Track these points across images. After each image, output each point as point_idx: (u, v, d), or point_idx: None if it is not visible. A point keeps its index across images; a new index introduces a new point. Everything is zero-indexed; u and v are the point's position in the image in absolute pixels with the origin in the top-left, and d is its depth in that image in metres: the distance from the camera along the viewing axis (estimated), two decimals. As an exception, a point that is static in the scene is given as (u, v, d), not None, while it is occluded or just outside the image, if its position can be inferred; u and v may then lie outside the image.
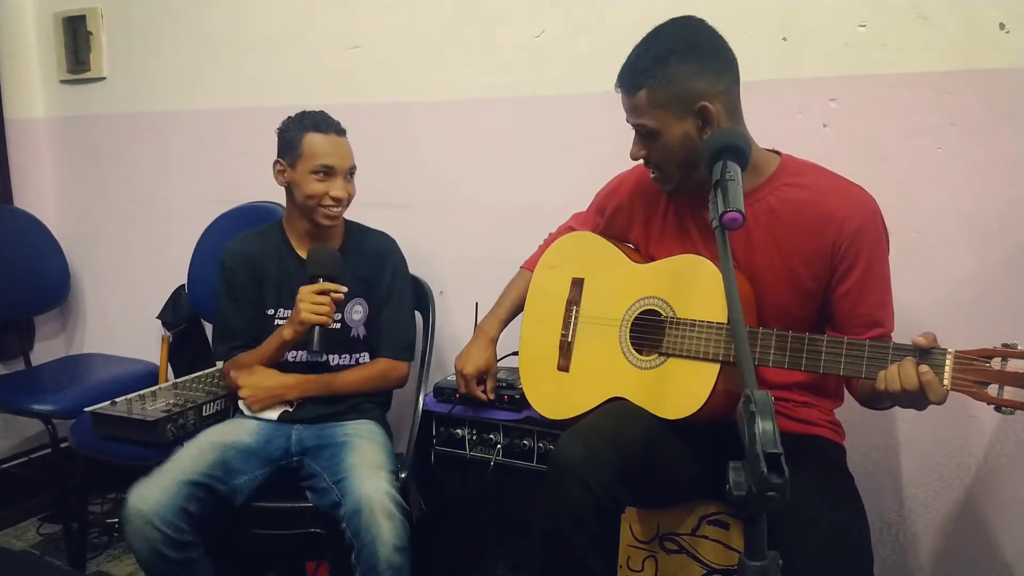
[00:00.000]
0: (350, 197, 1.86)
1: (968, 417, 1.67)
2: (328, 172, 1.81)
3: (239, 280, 1.90)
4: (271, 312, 1.90)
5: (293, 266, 1.89)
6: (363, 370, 1.90)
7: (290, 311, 1.86)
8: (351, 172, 1.85)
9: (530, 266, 1.78)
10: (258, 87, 2.44)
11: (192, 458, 1.67)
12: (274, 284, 1.90)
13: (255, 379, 1.81)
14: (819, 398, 1.48)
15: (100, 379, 2.48)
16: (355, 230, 1.98)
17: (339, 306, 1.86)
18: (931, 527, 1.75)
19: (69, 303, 2.89)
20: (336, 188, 1.81)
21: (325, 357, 1.88)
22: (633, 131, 1.42)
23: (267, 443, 1.79)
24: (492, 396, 1.76)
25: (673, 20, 1.38)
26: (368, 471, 1.63)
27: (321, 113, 1.85)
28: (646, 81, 1.34)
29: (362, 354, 1.93)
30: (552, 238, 1.78)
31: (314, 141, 1.81)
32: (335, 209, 1.83)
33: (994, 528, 1.70)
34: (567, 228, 1.76)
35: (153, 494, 1.58)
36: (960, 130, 1.62)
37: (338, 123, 1.86)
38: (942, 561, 1.75)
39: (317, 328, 1.70)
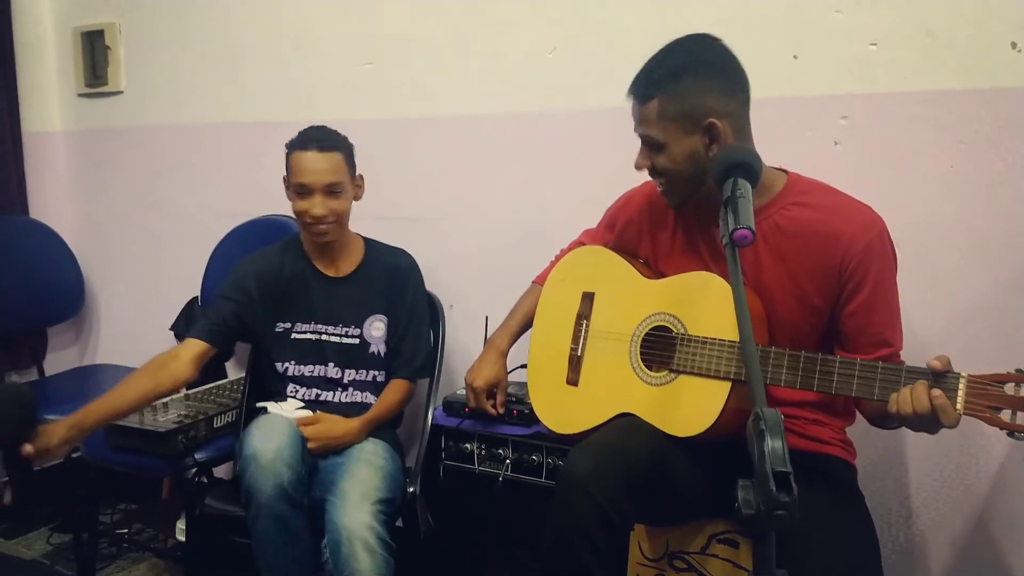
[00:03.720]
0: (335, 214, 1.80)
1: (967, 419, 1.66)
2: (303, 190, 1.78)
3: (247, 287, 1.87)
4: (284, 327, 1.88)
5: (313, 279, 1.89)
6: (393, 395, 1.89)
7: (307, 325, 1.87)
8: (331, 189, 1.79)
9: (541, 281, 1.78)
10: (271, 102, 2.47)
11: (283, 419, 1.69)
12: (290, 298, 1.89)
13: (322, 429, 1.76)
14: (830, 416, 1.48)
15: (112, 389, 2.49)
16: (375, 246, 1.97)
17: (359, 321, 1.87)
18: (932, 527, 1.74)
19: (83, 314, 2.91)
20: (315, 206, 1.77)
21: (339, 373, 1.88)
22: (640, 142, 1.43)
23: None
24: (502, 410, 1.76)
25: (691, 36, 1.39)
26: (356, 501, 1.60)
27: (313, 129, 1.83)
28: (658, 92, 1.35)
29: (380, 372, 1.92)
30: (563, 254, 1.78)
31: (294, 159, 1.79)
32: (318, 227, 1.80)
33: (995, 528, 1.69)
34: (578, 244, 1.76)
35: (278, 437, 1.60)
36: (971, 148, 1.62)
37: (327, 138, 1.80)
38: (944, 561, 1.74)
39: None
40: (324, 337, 1.88)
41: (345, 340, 1.88)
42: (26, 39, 2.78)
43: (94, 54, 2.76)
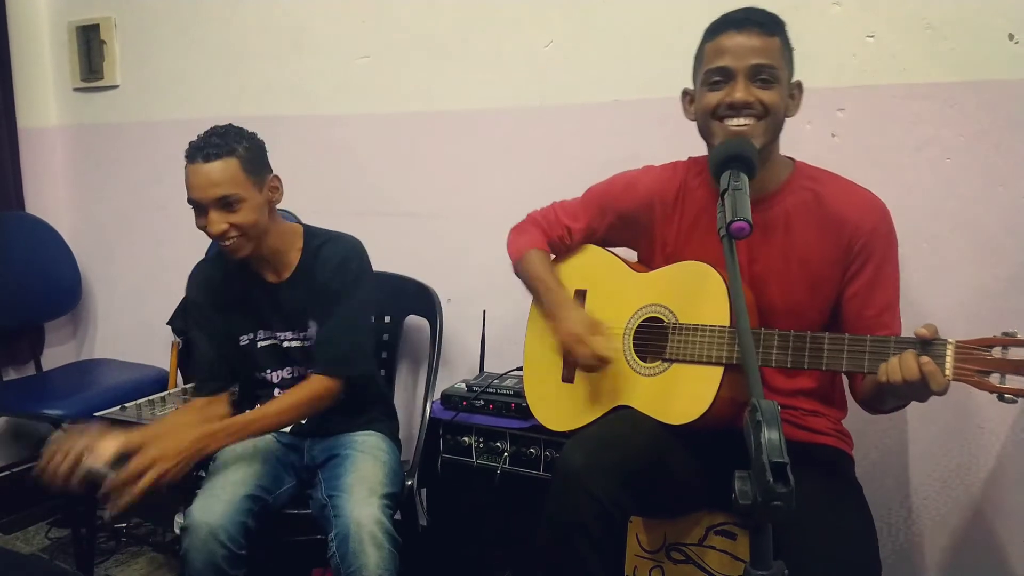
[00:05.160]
0: (238, 228, 1.62)
1: (967, 418, 1.67)
2: (196, 207, 1.63)
3: (204, 312, 1.78)
4: (245, 340, 1.79)
5: (259, 287, 1.77)
6: (289, 397, 1.69)
7: (266, 332, 1.78)
8: (225, 201, 1.60)
9: (533, 244, 1.67)
10: (269, 97, 2.46)
11: (242, 469, 1.64)
12: (240, 309, 1.78)
13: (163, 446, 1.47)
14: (827, 407, 1.48)
15: (110, 384, 2.50)
16: (314, 238, 1.78)
17: (304, 324, 1.77)
18: (932, 528, 1.75)
19: (80, 309, 2.90)
20: (211, 224, 1.61)
21: (297, 373, 1.79)
22: (727, 77, 1.35)
23: (288, 453, 1.78)
24: (616, 344, 1.51)
25: None
26: (362, 495, 1.58)
27: (205, 135, 1.66)
28: (779, 32, 1.37)
29: None
30: (533, 219, 1.72)
31: (186, 173, 1.63)
32: (223, 244, 1.64)
33: (995, 528, 1.69)
34: (550, 211, 1.69)
35: (219, 507, 1.54)
36: (969, 141, 1.62)
37: (216, 143, 1.61)
38: (943, 562, 1.75)
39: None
40: (285, 344, 1.79)
41: (307, 343, 1.79)
42: (21, 34, 2.76)
43: (89, 48, 2.75)
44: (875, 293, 1.36)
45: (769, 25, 1.35)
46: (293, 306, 1.77)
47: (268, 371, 1.82)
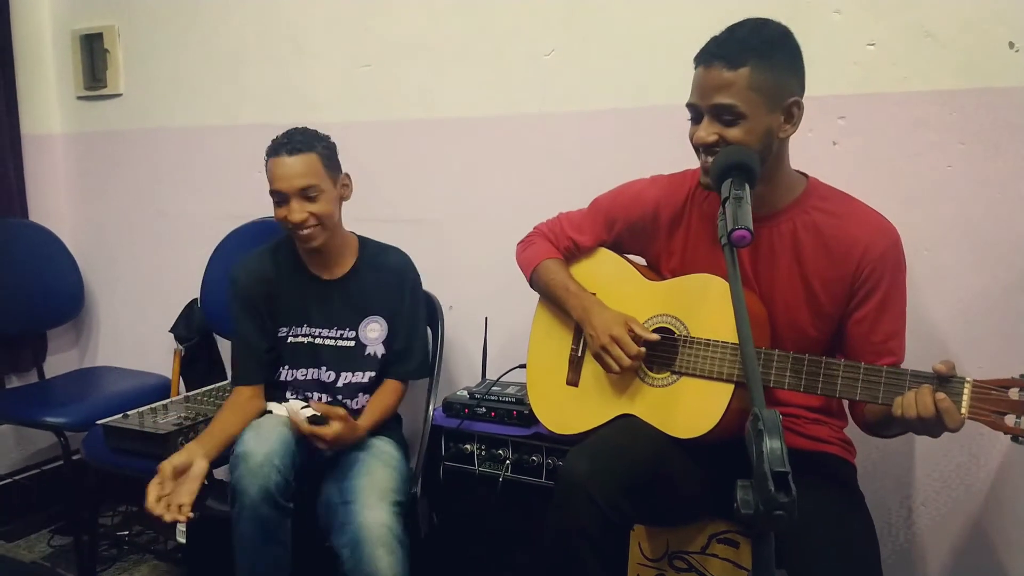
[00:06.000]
0: (316, 217, 1.76)
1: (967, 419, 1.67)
2: (279, 197, 1.76)
3: (255, 301, 1.86)
4: (282, 332, 1.87)
5: (307, 282, 1.87)
6: (389, 398, 1.86)
7: (301, 329, 1.86)
8: (306, 192, 1.74)
9: (547, 255, 1.68)
10: (271, 104, 2.47)
11: (281, 421, 1.68)
12: (285, 303, 1.87)
13: (338, 432, 1.68)
14: (829, 416, 1.48)
15: (112, 392, 2.49)
16: (370, 246, 1.94)
17: (354, 324, 1.86)
18: (932, 527, 1.75)
19: (83, 316, 2.91)
20: (291, 212, 1.74)
21: (333, 377, 1.85)
22: (697, 115, 1.33)
23: (299, 441, 1.76)
24: (652, 336, 1.46)
25: (771, 20, 1.35)
26: (373, 500, 1.60)
27: (287, 132, 1.80)
28: (752, 59, 1.26)
29: (375, 373, 1.87)
30: (540, 231, 1.73)
31: (269, 167, 1.77)
32: (301, 233, 1.76)
33: (995, 528, 1.69)
34: (560, 229, 1.68)
35: (274, 435, 1.60)
36: (969, 148, 1.62)
37: (299, 140, 1.76)
38: (943, 561, 1.75)
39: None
40: (319, 341, 1.86)
41: (341, 343, 1.86)
42: (25, 42, 2.77)
43: (93, 57, 2.76)
44: (882, 320, 1.35)
45: (736, 56, 1.27)
46: (339, 305, 1.86)
47: (285, 367, 1.87)
